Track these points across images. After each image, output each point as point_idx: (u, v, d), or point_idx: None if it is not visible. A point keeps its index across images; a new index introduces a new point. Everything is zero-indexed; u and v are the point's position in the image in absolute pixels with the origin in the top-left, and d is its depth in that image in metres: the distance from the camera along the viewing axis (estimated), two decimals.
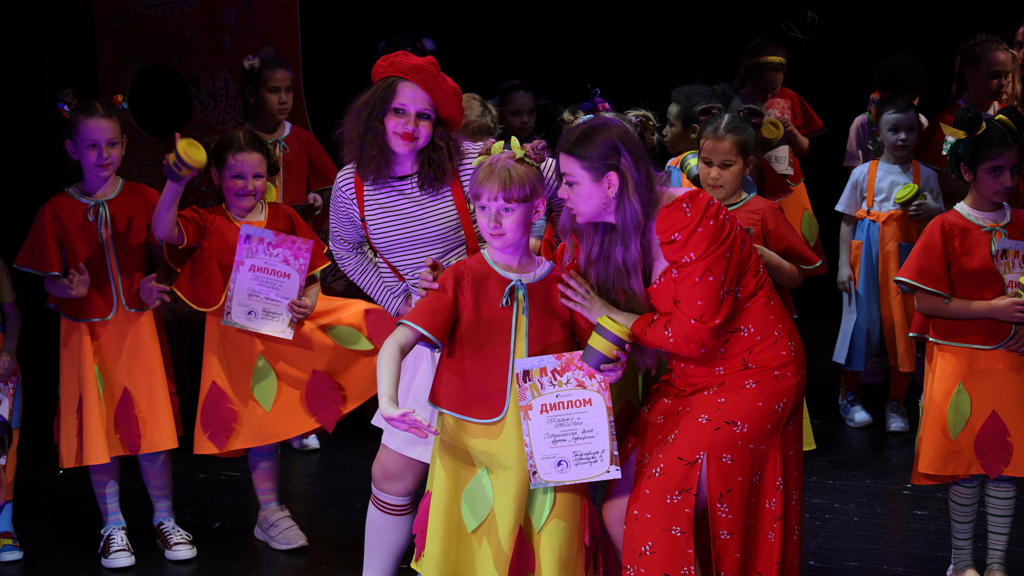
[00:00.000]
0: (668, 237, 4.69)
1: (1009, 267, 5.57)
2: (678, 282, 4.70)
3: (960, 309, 5.59)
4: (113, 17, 8.45)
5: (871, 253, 7.63)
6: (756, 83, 8.39)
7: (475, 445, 4.81)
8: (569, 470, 4.74)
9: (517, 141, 4.84)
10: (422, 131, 5.16)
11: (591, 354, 4.70)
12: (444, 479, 4.84)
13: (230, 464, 7.20)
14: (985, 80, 7.70)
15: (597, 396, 4.75)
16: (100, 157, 6.12)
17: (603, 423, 4.75)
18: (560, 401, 4.73)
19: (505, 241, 4.78)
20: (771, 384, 4.77)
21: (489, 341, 4.80)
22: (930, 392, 5.68)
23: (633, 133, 4.81)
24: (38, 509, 6.85)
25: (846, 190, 7.72)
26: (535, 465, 4.73)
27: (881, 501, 6.84)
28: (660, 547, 4.73)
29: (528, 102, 7.80)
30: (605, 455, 4.75)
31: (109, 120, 6.13)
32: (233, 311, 6.11)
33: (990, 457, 5.60)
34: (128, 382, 6.21)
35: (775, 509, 4.80)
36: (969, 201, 5.67)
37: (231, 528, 6.68)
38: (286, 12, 8.42)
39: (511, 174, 4.74)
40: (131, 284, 6.20)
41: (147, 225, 6.22)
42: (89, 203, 6.19)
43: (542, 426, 4.73)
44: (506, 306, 4.79)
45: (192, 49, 8.46)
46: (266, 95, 7.48)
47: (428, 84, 5.16)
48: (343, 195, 5.34)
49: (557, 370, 4.73)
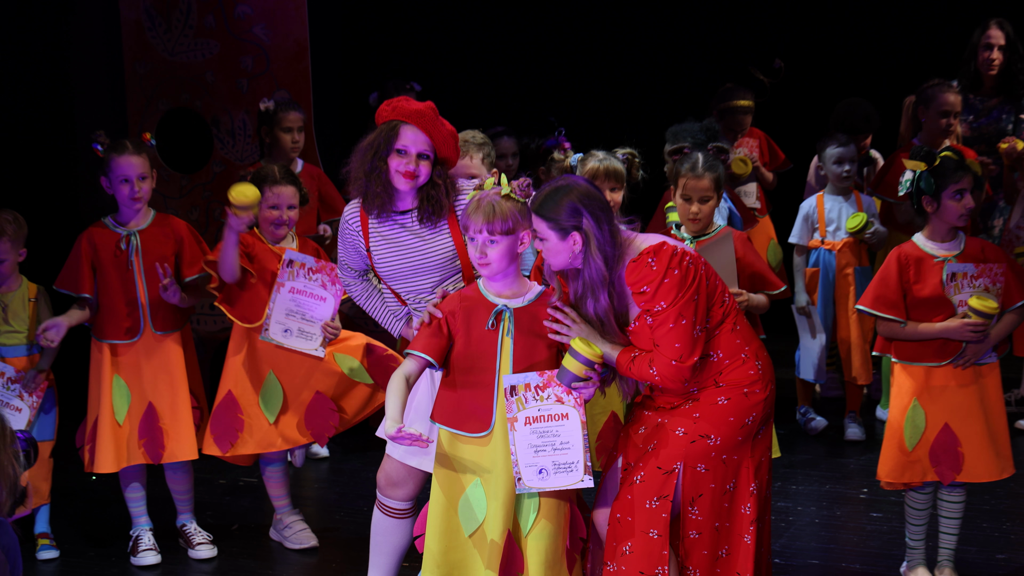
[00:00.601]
0: (638, 289, 4.69)
1: (959, 288, 5.58)
2: (654, 328, 4.69)
3: (916, 331, 5.61)
4: (141, 63, 8.45)
5: (828, 278, 7.66)
6: (727, 124, 8.41)
7: (468, 456, 4.82)
8: (549, 478, 4.74)
9: (505, 178, 4.86)
10: (422, 170, 5.17)
11: (564, 373, 4.70)
12: (441, 487, 4.85)
13: (247, 471, 7.19)
14: (936, 119, 7.74)
15: (573, 411, 4.75)
16: (132, 191, 6.13)
17: (578, 436, 4.75)
18: (542, 414, 4.74)
19: (491, 270, 4.79)
20: (741, 400, 4.77)
21: (478, 362, 4.81)
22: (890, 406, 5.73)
23: (596, 193, 4.77)
24: (73, 512, 6.85)
25: (797, 223, 7.75)
26: (520, 472, 4.74)
27: (840, 504, 6.83)
28: (638, 547, 4.74)
29: (511, 146, 7.80)
30: (580, 465, 4.75)
31: (139, 156, 6.14)
32: (271, 328, 6.11)
33: (943, 466, 5.61)
34: (153, 397, 6.21)
35: (750, 513, 4.80)
36: (925, 232, 5.69)
37: (248, 529, 6.67)
38: (298, 59, 8.42)
39: (495, 209, 4.76)
40: (158, 308, 6.20)
41: (175, 254, 6.24)
42: (122, 232, 6.20)
43: (526, 437, 4.74)
44: (491, 329, 4.80)
45: (213, 93, 8.46)
46: (280, 135, 7.49)
47: (428, 127, 5.17)
48: (350, 227, 5.34)
49: (539, 386, 4.74)
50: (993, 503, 6.68)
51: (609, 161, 5.84)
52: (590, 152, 5.93)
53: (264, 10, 8.39)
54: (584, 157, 5.91)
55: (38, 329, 6.11)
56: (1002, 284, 5.60)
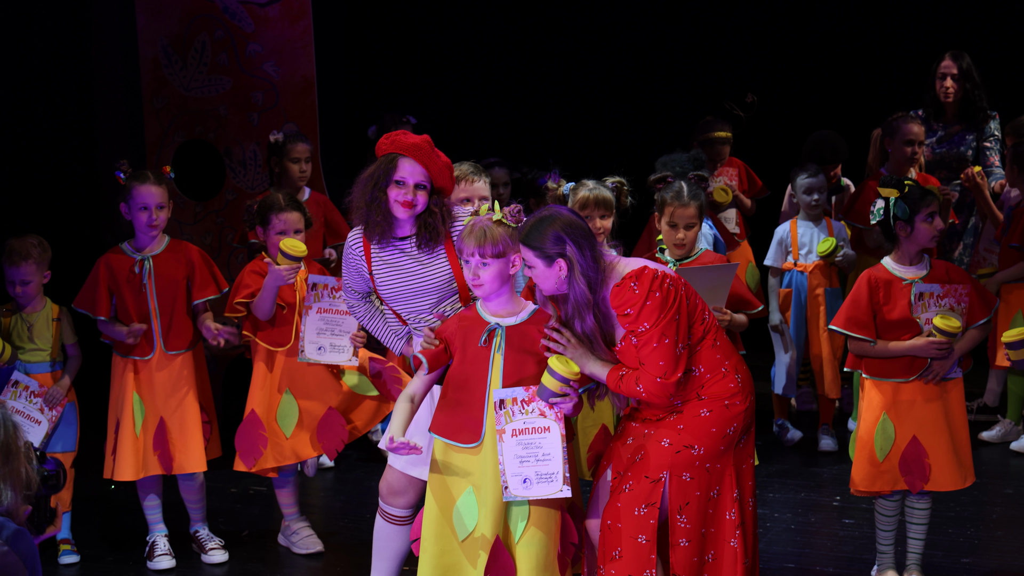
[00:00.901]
0: (622, 311, 4.73)
1: (926, 307, 5.62)
2: (639, 348, 4.72)
3: (885, 350, 5.65)
4: (159, 98, 8.49)
5: (800, 298, 7.71)
6: (707, 154, 8.44)
7: (460, 465, 4.85)
8: (532, 487, 4.75)
9: (498, 204, 4.91)
10: (420, 199, 5.20)
11: (542, 390, 4.73)
12: (436, 494, 4.88)
13: (257, 480, 7.19)
14: (901, 148, 7.81)
15: (554, 424, 4.76)
16: (150, 218, 6.17)
17: (558, 448, 4.75)
18: (526, 427, 4.75)
19: (484, 290, 4.84)
20: (722, 412, 4.80)
21: (471, 377, 4.84)
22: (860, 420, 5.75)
23: (579, 222, 4.81)
24: (93, 518, 6.85)
25: (772, 247, 7.80)
26: (507, 481, 4.75)
27: (814, 511, 6.86)
28: (627, 552, 4.76)
29: (503, 176, 7.81)
30: (559, 476, 4.75)
31: (158, 187, 6.18)
32: (306, 349, 6.14)
33: (913, 476, 5.64)
34: (164, 412, 6.24)
35: (734, 519, 4.83)
36: (894, 257, 5.73)
37: (258, 535, 6.69)
38: (306, 94, 8.47)
39: (487, 234, 4.80)
40: (170, 329, 6.23)
41: (187, 277, 6.28)
42: (137, 257, 6.24)
43: (512, 448, 4.75)
44: (483, 345, 4.84)
45: (226, 125, 8.51)
46: (289, 165, 7.51)
47: (424, 159, 5.20)
48: (353, 253, 5.38)
49: (525, 400, 4.76)
50: (958, 510, 6.71)
51: (598, 190, 5.88)
52: (581, 182, 5.97)
53: (274, 48, 8.44)
54: (575, 186, 5.95)
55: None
56: (966, 304, 5.65)
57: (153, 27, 8.43)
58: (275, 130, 7.81)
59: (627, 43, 10.14)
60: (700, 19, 9.99)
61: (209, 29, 8.46)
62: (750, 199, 8.63)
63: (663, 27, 10.06)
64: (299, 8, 8.45)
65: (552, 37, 10.08)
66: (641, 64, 10.10)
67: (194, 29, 8.46)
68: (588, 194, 5.87)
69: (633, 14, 10.09)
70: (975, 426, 7.93)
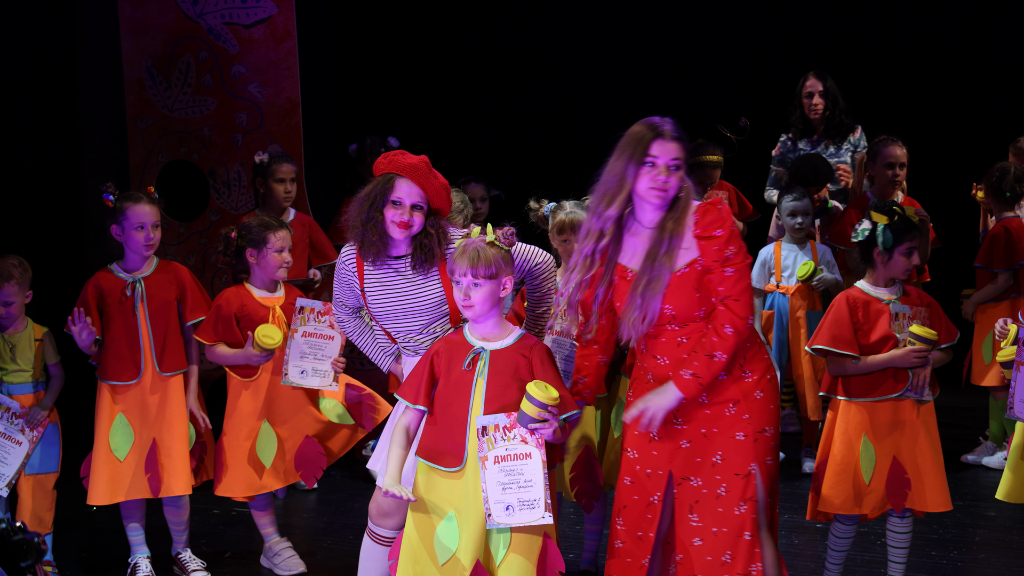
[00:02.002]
0: (712, 231, 4.76)
1: (901, 328, 5.66)
2: (735, 280, 4.75)
3: (867, 364, 5.67)
4: (143, 118, 8.52)
5: (782, 320, 7.74)
6: (698, 178, 8.47)
7: (443, 488, 4.84)
8: (515, 514, 4.74)
9: (491, 227, 4.92)
10: (416, 220, 5.20)
11: (521, 416, 4.73)
12: (417, 517, 4.88)
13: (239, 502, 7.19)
14: (883, 171, 7.87)
15: (535, 450, 4.74)
16: (147, 237, 6.17)
17: (539, 474, 4.74)
18: (508, 454, 4.74)
19: (474, 312, 4.83)
20: (770, 387, 4.90)
21: (455, 401, 4.83)
22: (832, 442, 5.74)
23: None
24: (75, 540, 6.84)
25: (755, 267, 7.83)
26: (490, 508, 4.74)
27: (798, 533, 6.86)
28: (738, 552, 4.83)
29: (480, 191, 7.85)
30: (540, 502, 4.74)
31: (152, 206, 6.19)
32: (289, 372, 6.16)
33: (895, 496, 5.67)
34: (156, 434, 6.24)
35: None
36: (869, 279, 5.77)
37: (240, 556, 6.68)
38: (290, 115, 8.50)
39: (480, 255, 4.81)
40: (162, 350, 6.23)
41: (177, 299, 6.28)
42: (128, 279, 6.24)
43: (495, 475, 4.74)
44: (467, 369, 4.83)
45: (210, 146, 8.53)
46: (274, 185, 7.53)
47: (421, 180, 5.20)
48: (346, 268, 5.38)
49: (507, 427, 4.74)
50: (941, 532, 6.74)
51: (575, 214, 5.93)
52: (560, 204, 6.01)
53: (258, 70, 8.48)
54: (555, 208, 5.99)
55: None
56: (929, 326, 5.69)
57: (138, 48, 8.46)
58: (260, 151, 7.82)
59: (615, 65, 10.19)
60: (691, 41, 10.04)
61: (194, 50, 8.49)
62: (741, 223, 8.66)
63: (653, 49, 10.11)
64: (284, 30, 8.49)
65: (536, 59, 10.13)
66: (632, 86, 10.14)
67: (179, 50, 8.50)
68: (565, 218, 5.92)
69: (621, 36, 10.14)
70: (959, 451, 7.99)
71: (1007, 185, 7.65)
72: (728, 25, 9.98)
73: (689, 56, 10.05)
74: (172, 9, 8.48)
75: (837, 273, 7.77)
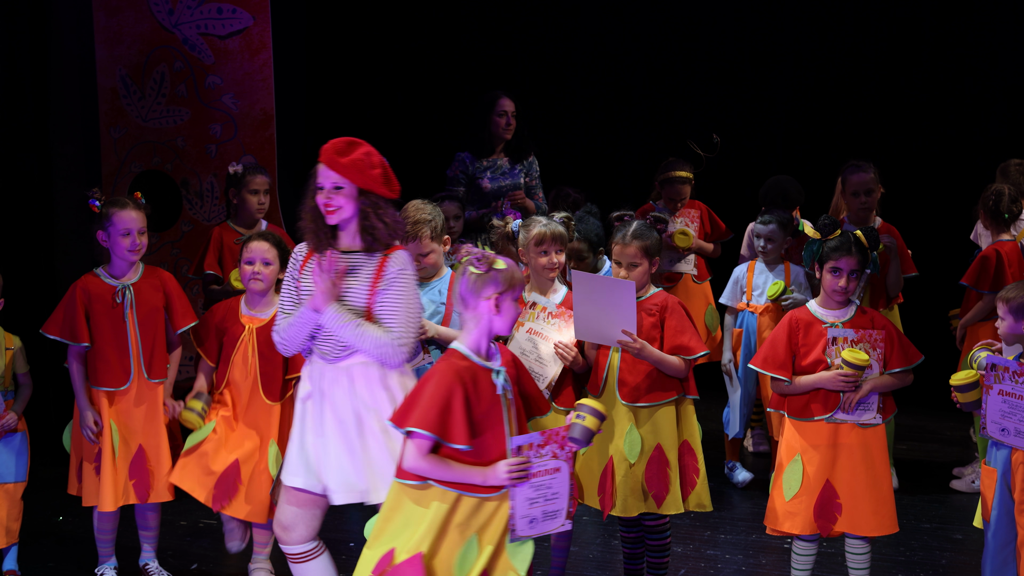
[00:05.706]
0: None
1: (839, 352, 5.74)
2: None
3: (795, 384, 5.76)
4: (116, 128, 8.55)
5: (750, 339, 7.79)
6: (668, 195, 8.51)
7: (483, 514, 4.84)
8: (538, 526, 4.83)
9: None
10: (338, 202, 5.30)
11: (583, 432, 4.83)
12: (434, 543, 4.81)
13: (207, 513, 7.16)
14: (851, 198, 7.82)
15: (564, 464, 4.84)
16: (133, 243, 6.18)
17: (566, 486, 4.87)
18: (539, 470, 4.80)
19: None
20: None
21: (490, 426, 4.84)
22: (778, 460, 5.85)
23: None
24: (40, 550, 6.82)
25: (728, 286, 7.86)
26: (515, 524, 4.79)
27: (765, 553, 6.91)
28: None
29: (454, 209, 7.83)
30: (563, 512, 4.87)
31: (139, 212, 6.20)
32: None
33: (822, 519, 5.74)
34: (143, 440, 6.25)
35: None
36: (819, 300, 5.86)
37: (206, 571, 6.68)
38: (264, 127, 8.54)
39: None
40: (151, 357, 6.25)
41: (164, 306, 6.30)
42: (117, 286, 6.25)
43: (525, 492, 4.79)
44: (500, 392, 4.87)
45: (183, 156, 8.56)
46: (248, 196, 7.51)
47: (328, 160, 5.33)
48: (295, 258, 5.47)
49: (540, 444, 4.80)
50: (908, 555, 6.80)
51: (552, 226, 5.96)
52: (532, 218, 6.05)
53: (233, 81, 8.51)
54: (527, 223, 6.03)
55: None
56: (882, 349, 5.75)
57: (112, 57, 8.49)
58: (234, 162, 7.82)
59: (590, 82, 10.25)
60: (665, 58, 10.10)
61: (168, 60, 8.53)
62: (713, 243, 8.70)
63: (628, 66, 10.17)
64: (259, 41, 8.54)
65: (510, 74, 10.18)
66: (605, 103, 10.20)
67: (153, 60, 8.53)
68: (544, 230, 5.94)
69: (597, 54, 10.21)
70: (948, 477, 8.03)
71: (1004, 207, 7.61)
72: (703, 42, 10.05)
73: (662, 72, 10.11)
74: (147, 19, 8.51)
75: (809, 294, 7.81)
